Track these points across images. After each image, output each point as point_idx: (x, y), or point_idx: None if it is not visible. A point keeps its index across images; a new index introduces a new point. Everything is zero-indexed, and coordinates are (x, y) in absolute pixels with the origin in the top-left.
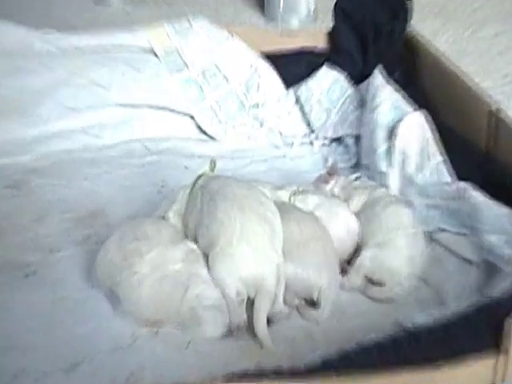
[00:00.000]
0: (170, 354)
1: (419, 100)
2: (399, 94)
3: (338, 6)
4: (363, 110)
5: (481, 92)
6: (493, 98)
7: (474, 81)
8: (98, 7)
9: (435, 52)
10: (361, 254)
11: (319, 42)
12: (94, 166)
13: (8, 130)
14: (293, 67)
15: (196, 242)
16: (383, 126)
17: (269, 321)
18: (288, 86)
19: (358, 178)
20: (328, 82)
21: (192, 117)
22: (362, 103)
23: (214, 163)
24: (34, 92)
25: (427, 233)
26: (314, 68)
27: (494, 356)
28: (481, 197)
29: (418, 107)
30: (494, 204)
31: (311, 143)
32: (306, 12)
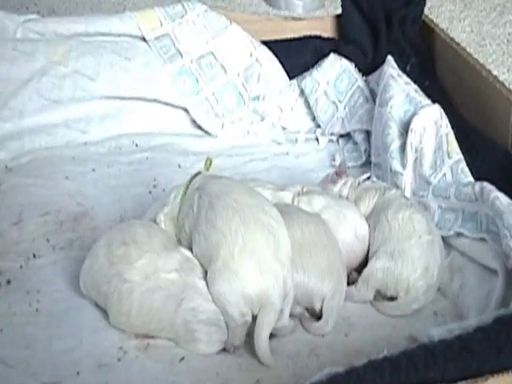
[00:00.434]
0: (160, 370)
1: (435, 93)
2: (413, 86)
3: None
4: (374, 104)
5: (503, 85)
6: None
7: (493, 73)
8: None
9: (453, 41)
10: (370, 263)
11: (326, 29)
12: (77, 163)
13: None
14: (297, 56)
15: (191, 248)
16: (396, 120)
17: (271, 334)
18: (291, 76)
19: (368, 178)
20: (335, 72)
21: (186, 110)
22: (373, 96)
23: (210, 161)
24: (8, 82)
25: (442, 238)
26: (319, 57)
27: None
28: (502, 198)
29: (434, 100)
30: None
31: (317, 139)
32: None
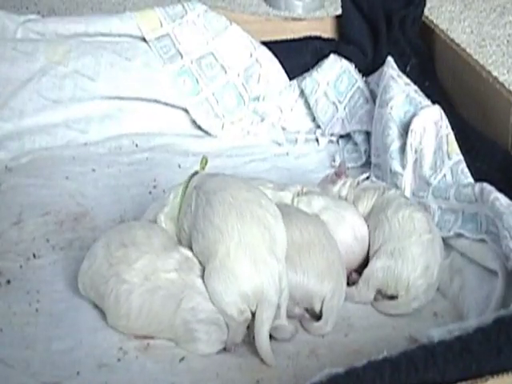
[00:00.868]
0: (160, 370)
1: (435, 93)
2: (413, 87)
3: None
4: (374, 104)
5: (503, 86)
6: None
7: (493, 74)
8: None
9: (453, 41)
10: (371, 263)
11: (326, 30)
12: (77, 163)
13: None
14: (297, 57)
15: (191, 247)
16: (396, 121)
17: (271, 336)
18: (291, 77)
19: (367, 178)
20: (335, 73)
21: (186, 110)
22: (373, 97)
23: (206, 160)
24: (8, 82)
25: (442, 239)
26: (319, 58)
27: None
28: (502, 199)
29: (434, 101)
30: None
31: (317, 140)
32: None
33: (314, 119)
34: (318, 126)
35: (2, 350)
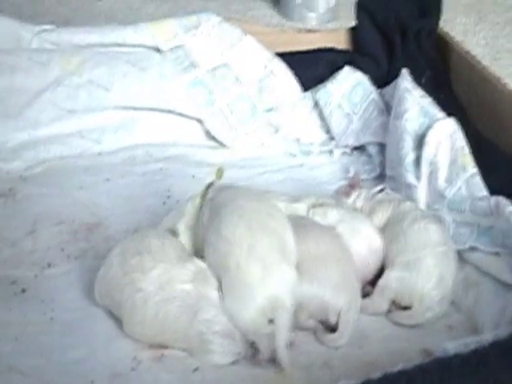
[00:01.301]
0: (174, 381)
1: (450, 106)
2: (428, 99)
3: (361, 2)
4: (388, 116)
5: None
6: None
7: (509, 86)
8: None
9: (468, 54)
10: (385, 274)
11: (340, 41)
12: (91, 173)
13: None
14: (311, 68)
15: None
16: (411, 133)
17: None
18: (305, 88)
19: (382, 191)
20: (350, 84)
21: (200, 121)
22: (387, 108)
23: (222, 171)
24: (24, 92)
25: (457, 252)
26: (334, 69)
27: None
28: None
29: (449, 114)
30: None
31: (331, 152)
32: (324, 8)
33: (328, 131)
34: (332, 138)
35: (17, 359)
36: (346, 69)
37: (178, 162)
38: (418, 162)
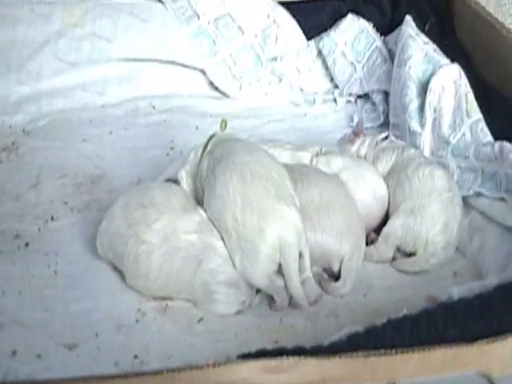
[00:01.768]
0: (179, 331)
1: (454, 52)
2: (432, 46)
3: None
4: (392, 64)
5: None
6: None
7: None
8: None
9: (472, 0)
10: (390, 221)
11: None
12: (94, 126)
13: None
14: (314, 17)
15: None
16: (415, 80)
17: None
18: (309, 37)
19: (386, 138)
20: (353, 32)
21: (203, 72)
22: (391, 56)
23: (225, 123)
24: (25, 45)
25: (462, 198)
26: (337, 18)
27: None
28: None
29: (453, 60)
30: None
31: (335, 100)
32: None
33: (331, 79)
34: (336, 87)
35: (21, 312)
36: (350, 17)
37: (182, 113)
38: (421, 108)
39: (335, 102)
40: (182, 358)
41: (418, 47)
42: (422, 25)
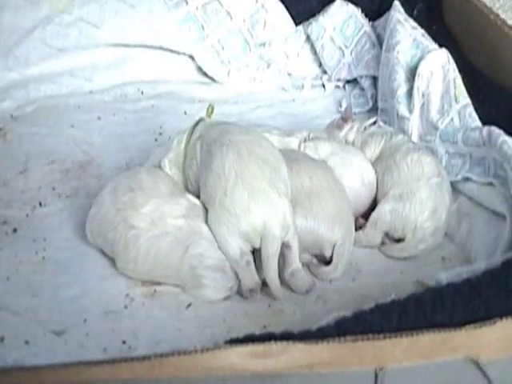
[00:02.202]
0: (167, 317)
1: (442, 37)
2: (420, 31)
3: None
4: (380, 49)
5: (511, 29)
6: None
7: (501, 17)
8: None
9: None
10: (379, 206)
11: None
12: (82, 111)
13: None
14: (303, 2)
15: (198, 197)
16: (403, 65)
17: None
18: (297, 22)
19: (374, 123)
20: (342, 18)
21: (192, 57)
22: (380, 41)
23: (212, 108)
24: (13, 31)
25: (450, 183)
26: (325, 3)
27: None
28: (510, 142)
29: (441, 45)
30: None
31: (323, 85)
32: None
33: (320, 65)
34: (325, 72)
35: (9, 298)
36: (338, 2)
37: (170, 98)
38: (410, 93)
39: (323, 88)
40: (170, 343)
41: (406, 32)
42: (410, 10)
